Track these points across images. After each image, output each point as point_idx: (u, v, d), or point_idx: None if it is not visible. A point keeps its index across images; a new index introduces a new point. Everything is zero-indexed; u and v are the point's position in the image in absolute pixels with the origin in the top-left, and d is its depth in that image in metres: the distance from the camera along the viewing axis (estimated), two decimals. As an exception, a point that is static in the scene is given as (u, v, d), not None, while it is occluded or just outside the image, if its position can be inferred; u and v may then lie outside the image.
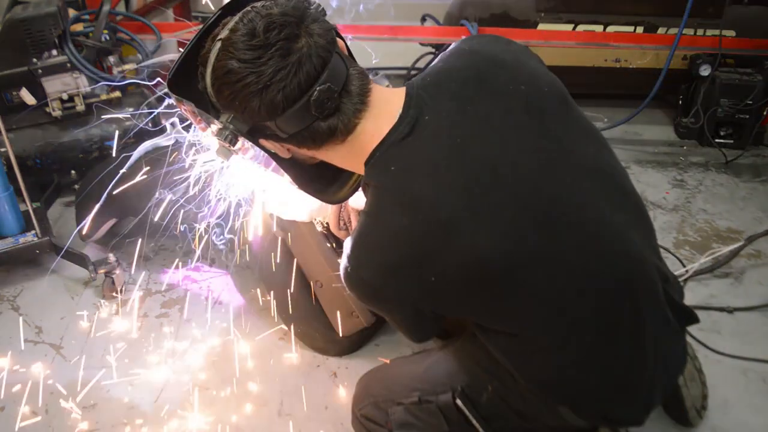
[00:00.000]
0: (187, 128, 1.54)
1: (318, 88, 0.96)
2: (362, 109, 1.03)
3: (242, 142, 1.03)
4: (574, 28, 3.07)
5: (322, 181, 1.17)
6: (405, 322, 1.16)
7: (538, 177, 1.03)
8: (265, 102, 0.95)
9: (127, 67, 2.52)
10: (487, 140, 1.03)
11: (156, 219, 1.68)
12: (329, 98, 0.98)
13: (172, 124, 2.77)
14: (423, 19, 3.70)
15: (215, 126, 1.01)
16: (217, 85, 0.97)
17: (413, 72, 3.76)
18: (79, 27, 2.39)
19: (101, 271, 1.94)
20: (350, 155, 1.07)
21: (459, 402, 1.26)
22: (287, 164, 1.11)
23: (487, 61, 1.11)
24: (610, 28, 3.06)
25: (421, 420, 1.30)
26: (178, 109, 1.09)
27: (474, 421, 1.25)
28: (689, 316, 1.22)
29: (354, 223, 1.43)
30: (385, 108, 1.04)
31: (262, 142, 1.05)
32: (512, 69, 1.11)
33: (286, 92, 0.95)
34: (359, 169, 1.08)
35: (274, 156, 1.09)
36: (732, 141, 2.92)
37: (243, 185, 1.44)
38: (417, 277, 1.03)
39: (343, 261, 1.07)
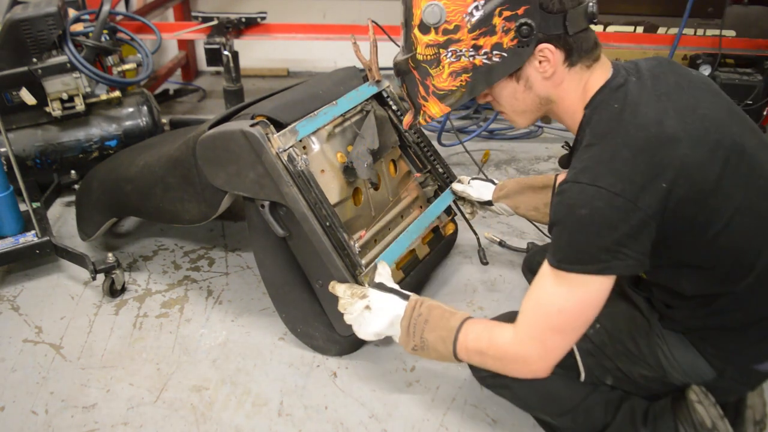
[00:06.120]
0: None
1: (592, 2, 1.16)
2: (599, 50, 1.22)
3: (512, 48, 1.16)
4: (574, 28, 3.06)
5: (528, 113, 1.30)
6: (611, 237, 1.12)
7: (728, 125, 1.17)
8: None
9: (126, 67, 2.53)
10: (685, 94, 1.19)
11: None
12: (594, 15, 1.17)
13: (171, 122, 2.78)
14: (423, 19, 3.70)
15: (508, 18, 1.14)
16: None
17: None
18: (79, 27, 2.39)
19: (101, 271, 1.93)
20: (581, 90, 1.21)
21: None
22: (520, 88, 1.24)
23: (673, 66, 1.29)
24: (610, 28, 3.06)
25: None
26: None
27: (574, 346, 1.33)
28: None
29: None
30: (606, 60, 1.24)
31: (541, 46, 1.16)
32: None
33: None
34: (573, 107, 1.23)
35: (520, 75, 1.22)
36: (732, 141, 2.93)
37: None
38: (653, 183, 1.09)
39: (572, 177, 1.13)
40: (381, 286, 1.46)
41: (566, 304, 1.15)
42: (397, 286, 1.48)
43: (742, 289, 1.20)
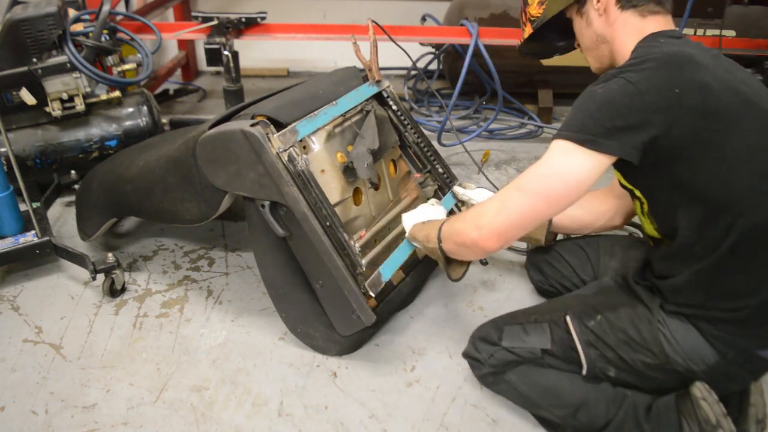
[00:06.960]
0: None
1: None
2: (668, 7, 1.37)
3: None
4: (574, 28, 3.06)
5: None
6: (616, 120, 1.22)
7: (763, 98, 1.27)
8: None
9: (126, 67, 2.53)
10: (729, 68, 1.28)
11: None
12: None
13: (171, 122, 2.77)
14: (423, 19, 3.71)
15: None
16: None
17: (413, 72, 3.77)
18: (79, 27, 2.39)
19: (101, 271, 1.93)
20: (634, 33, 1.35)
21: (569, 318, 1.43)
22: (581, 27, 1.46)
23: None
24: (611, 28, 3.05)
25: (529, 335, 1.47)
26: None
27: (575, 336, 1.41)
28: None
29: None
30: (670, 20, 1.38)
31: None
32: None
33: None
34: (625, 47, 1.35)
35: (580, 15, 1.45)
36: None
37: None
38: (669, 88, 1.20)
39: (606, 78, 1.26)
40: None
41: (543, 168, 1.25)
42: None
43: (739, 229, 1.21)
